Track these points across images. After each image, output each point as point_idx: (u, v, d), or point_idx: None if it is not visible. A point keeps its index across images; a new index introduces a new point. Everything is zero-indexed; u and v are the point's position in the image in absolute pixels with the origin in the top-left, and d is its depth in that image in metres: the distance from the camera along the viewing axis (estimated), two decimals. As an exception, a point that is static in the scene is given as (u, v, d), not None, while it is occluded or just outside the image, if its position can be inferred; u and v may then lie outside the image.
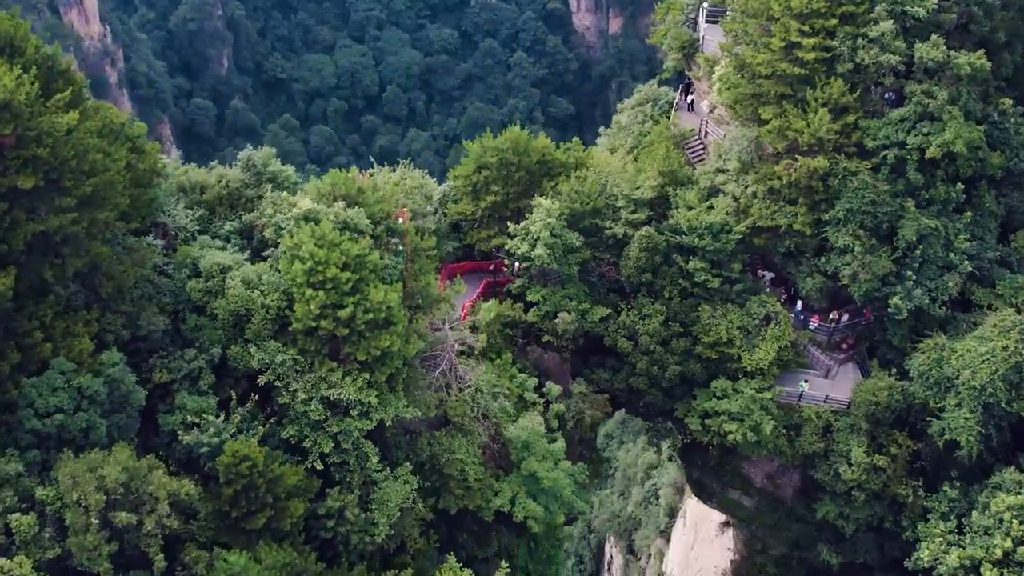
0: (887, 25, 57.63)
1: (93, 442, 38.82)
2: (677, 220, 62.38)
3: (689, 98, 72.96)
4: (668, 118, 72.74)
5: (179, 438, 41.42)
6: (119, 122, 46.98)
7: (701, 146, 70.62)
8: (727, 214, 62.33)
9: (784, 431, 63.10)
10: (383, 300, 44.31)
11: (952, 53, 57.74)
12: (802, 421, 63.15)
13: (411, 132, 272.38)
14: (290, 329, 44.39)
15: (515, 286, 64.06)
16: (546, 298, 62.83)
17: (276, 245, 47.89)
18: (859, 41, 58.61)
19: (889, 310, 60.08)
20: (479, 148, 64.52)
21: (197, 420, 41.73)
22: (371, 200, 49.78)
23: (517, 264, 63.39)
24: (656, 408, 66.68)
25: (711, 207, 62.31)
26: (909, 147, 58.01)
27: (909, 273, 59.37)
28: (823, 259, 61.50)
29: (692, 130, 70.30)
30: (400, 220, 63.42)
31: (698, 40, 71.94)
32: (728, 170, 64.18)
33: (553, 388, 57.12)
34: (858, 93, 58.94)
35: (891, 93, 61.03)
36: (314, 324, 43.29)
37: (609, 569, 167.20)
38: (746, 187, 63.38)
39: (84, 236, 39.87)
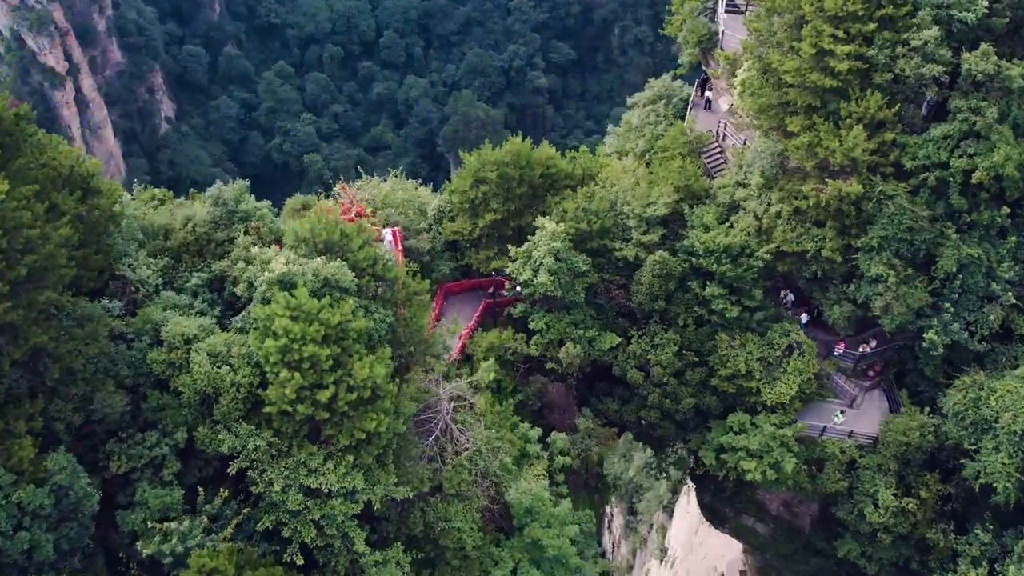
0: (932, 32, 50.96)
1: (38, 564, 33.66)
2: (693, 242, 56.49)
3: (706, 95, 66.34)
4: (683, 119, 66.32)
5: (138, 548, 36.20)
6: (67, 164, 40.83)
7: (719, 152, 64.31)
8: (748, 235, 56.39)
9: (805, 467, 58.10)
10: (369, 376, 38.75)
11: (1004, 64, 51.17)
12: (825, 456, 58.09)
13: (409, 79, 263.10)
14: (264, 411, 38.90)
15: (516, 311, 58.43)
16: (550, 325, 57.29)
17: (250, 300, 42.16)
18: (899, 49, 52.00)
19: (923, 345, 54.56)
20: (477, 161, 58.25)
21: (159, 523, 36.46)
22: (356, 245, 43.82)
23: (518, 287, 57.72)
24: (668, 439, 61.61)
25: (730, 227, 56.26)
26: (953, 170, 51.81)
27: (947, 305, 53.75)
28: (852, 286, 55.72)
29: (710, 133, 63.83)
30: (391, 241, 57.82)
31: (717, 33, 65.11)
32: (749, 184, 58.05)
33: (558, 440, 51.84)
34: (897, 108, 52.47)
35: (932, 98, 54.63)
36: (290, 409, 37.82)
37: (610, 527, 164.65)
38: (769, 205, 57.34)
39: (22, 323, 34.17)
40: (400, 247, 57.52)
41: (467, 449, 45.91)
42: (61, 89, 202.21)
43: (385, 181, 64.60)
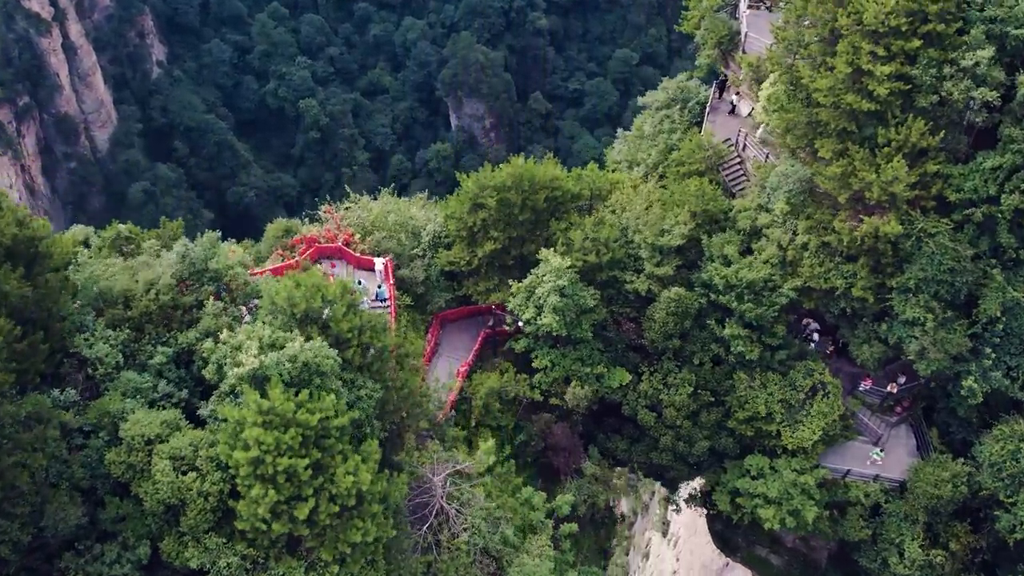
0: (985, 52, 44.93)
1: None
2: (711, 275, 51.22)
3: (731, 101, 59.96)
4: (700, 125, 60.27)
5: None
6: (9, 233, 35.46)
7: (739, 163, 58.48)
8: (771, 266, 51.06)
9: (826, 511, 53.80)
10: (354, 483, 34.04)
11: (1064, 89, 45.28)
12: (848, 500, 53.72)
13: (406, 20, 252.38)
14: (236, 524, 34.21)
15: (519, 346, 53.42)
16: (555, 363, 52.40)
17: (221, 381, 37.17)
18: (946, 69, 46.02)
19: (961, 392, 49.71)
20: (475, 186, 52.50)
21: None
22: (340, 313, 38.64)
23: (520, 323, 52.68)
24: (680, 479, 57.21)
25: (752, 259, 50.81)
26: (1004, 207, 46.26)
27: (988, 350, 48.67)
28: (884, 326, 50.60)
29: (730, 146, 57.90)
30: (382, 271, 52.57)
31: (738, 33, 58.75)
32: (773, 210, 52.45)
33: (564, 505, 47.26)
34: (941, 135, 46.65)
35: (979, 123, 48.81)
36: (264, 527, 33.16)
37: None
38: (794, 234, 51.87)
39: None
40: (392, 279, 52.29)
41: (465, 530, 41.41)
42: (47, 36, 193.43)
43: (375, 199, 58.95)
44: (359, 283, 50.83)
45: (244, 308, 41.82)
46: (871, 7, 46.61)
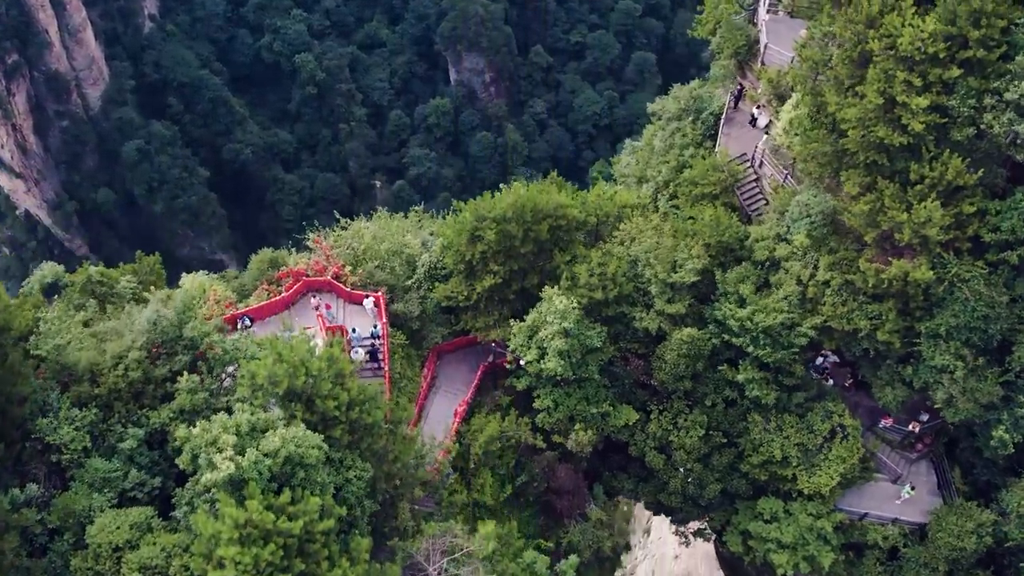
0: (1032, 85, 40.72)
1: None
2: (725, 315, 47.55)
3: (753, 114, 55.26)
4: (715, 137, 55.88)
5: None
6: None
7: (756, 183, 54.28)
8: (789, 304, 47.32)
9: (842, 555, 50.94)
10: (342, 596, 30.88)
11: (1115, 125, 41.09)
12: (864, 543, 50.86)
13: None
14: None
15: (520, 384, 49.97)
16: (558, 403, 49.02)
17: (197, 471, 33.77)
18: (987, 100, 41.81)
19: (991, 442, 46.43)
20: (472, 217, 48.41)
21: None
22: (326, 389, 35.10)
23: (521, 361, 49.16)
24: (689, 518, 54.24)
25: (769, 304, 47.00)
26: (1044, 250, 42.52)
27: (1022, 398, 45.31)
28: (909, 369, 47.11)
29: (746, 167, 53.66)
30: (374, 308, 48.87)
31: (757, 41, 54.08)
32: (792, 241, 48.53)
33: (569, 569, 44.22)
34: (980, 173, 42.56)
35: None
36: (243, 653, 30.03)
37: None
38: (815, 269, 48.06)
39: None
40: (385, 317, 48.60)
41: (463, 613, 38.39)
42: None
43: (370, 218, 54.93)
44: (353, 331, 47.31)
45: (225, 374, 38.23)
46: (907, 32, 42.20)
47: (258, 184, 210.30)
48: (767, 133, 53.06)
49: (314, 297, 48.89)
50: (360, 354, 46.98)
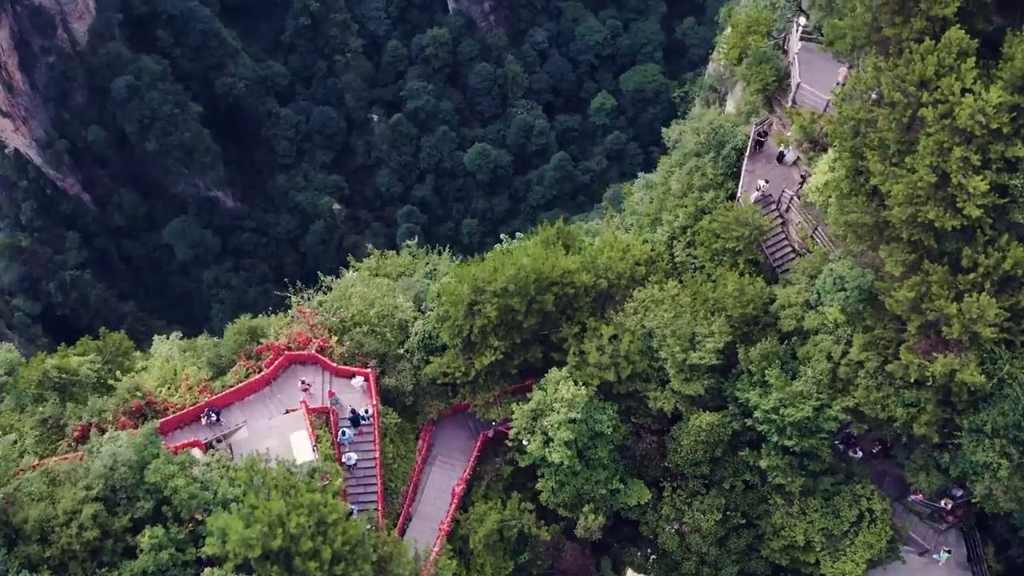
0: (1107, 168, 35.02)
1: None
2: (749, 401, 42.68)
3: (780, 151, 49.08)
4: (737, 175, 49.82)
5: None
6: None
7: (782, 227, 48.64)
8: (818, 386, 42.37)
9: (864, 632, 47.28)
10: None
11: None
12: (888, 621, 47.16)
13: None
14: None
15: (524, 461, 45.44)
16: (564, 482, 44.60)
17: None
18: (1055, 181, 36.17)
19: (1032, 538, 42.24)
20: (469, 289, 42.97)
21: None
22: (307, 548, 30.56)
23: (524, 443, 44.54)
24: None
25: (795, 395, 41.86)
26: (1106, 347, 37.40)
27: (1068, 496, 40.85)
28: (946, 456, 42.54)
29: (771, 207, 47.90)
30: (364, 386, 43.94)
31: (788, 76, 47.63)
32: (823, 312, 43.25)
33: None
34: (1042, 262, 37.14)
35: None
36: None
37: None
38: (848, 345, 42.94)
39: None
40: (375, 398, 43.71)
41: None
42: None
43: (355, 270, 49.44)
44: (348, 421, 42.59)
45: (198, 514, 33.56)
46: (968, 102, 36.26)
47: (252, 119, 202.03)
48: (801, 181, 47.18)
49: (302, 381, 43.95)
50: (353, 459, 42.41)
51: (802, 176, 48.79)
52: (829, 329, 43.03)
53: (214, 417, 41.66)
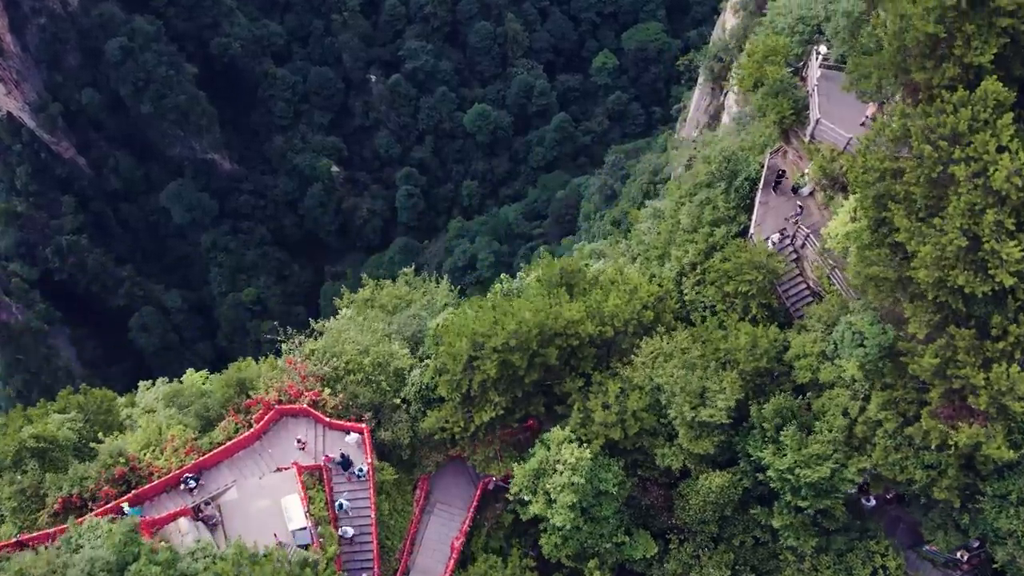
0: None
1: None
2: (761, 459, 40.44)
3: (795, 184, 46.14)
4: (750, 208, 46.89)
5: None
6: None
7: (796, 263, 45.91)
8: (835, 445, 40.07)
9: None
10: None
11: None
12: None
13: None
14: None
15: (525, 514, 43.35)
16: (568, 537, 42.59)
17: None
18: (1094, 247, 33.45)
19: (1054, 604, 40.30)
20: (468, 345, 40.36)
21: None
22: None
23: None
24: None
25: (810, 456, 39.50)
26: None
27: (1094, 564, 38.87)
28: (965, 517, 40.46)
29: (790, 262, 45.07)
30: (359, 443, 41.68)
31: (807, 107, 44.43)
32: (840, 365, 40.73)
33: None
34: (1077, 335, 34.58)
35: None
36: None
37: None
38: (865, 401, 40.55)
39: None
40: (371, 456, 41.45)
41: None
42: None
43: (350, 303, 46.75)
44: (339, 466, 40.52)
45: None
46: (1004, 162, 33.42)
47: (248, 80, 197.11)
48: (819, 217, 44.31)
49: (298, 440, 41.65)
50: (349, 533, 40.30)
51: (819, 208, 45.96)
52: (846, 383, 40.61)
53: (193, 484, 39.34)
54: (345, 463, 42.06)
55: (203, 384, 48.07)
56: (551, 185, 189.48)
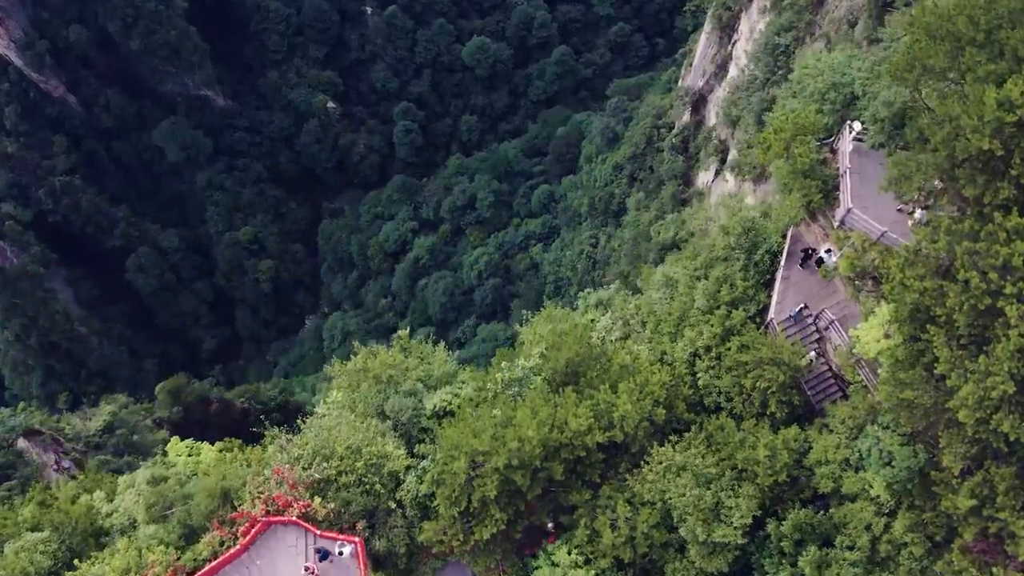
0: None
1: None
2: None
3: (821, 257, 41.97)
4: (769, 288, 42.80)
5: None
6: None
7: (819, 348, 42.18)
8: (860, 568, 37.20)
9: None
10: None
11: None
12: None
13: None
14: None
15: (528, 612, 40.89)
16: (574, 642, 40.19)
17: None
18: None
19: None
20: (465, 461, 36.93)
21: None
22: None
23: (531, 604, 39.79)
24: None
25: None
26: None
27: None
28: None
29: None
30: (354, 554, 38.81)
31: (836, 187, 39.91)
32: (865, 476, 37.51)
33: None
34: None
35: None
36: None
37: None
38: (890, 516, 37.51)
39: None
40: (366, 571, 38.58)
41: None
42: None
43: (340, 376, 43.19)
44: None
45: None
46: (1063, 309, 29.45)
47: (240, 13, 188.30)
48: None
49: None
50: None
51: (844, 284, 41.98)
52: (869, 496, 37.49)
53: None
54: (323, 555, 39.20)
55: (188, 456, 44.99)
56: (552, 121, 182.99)
